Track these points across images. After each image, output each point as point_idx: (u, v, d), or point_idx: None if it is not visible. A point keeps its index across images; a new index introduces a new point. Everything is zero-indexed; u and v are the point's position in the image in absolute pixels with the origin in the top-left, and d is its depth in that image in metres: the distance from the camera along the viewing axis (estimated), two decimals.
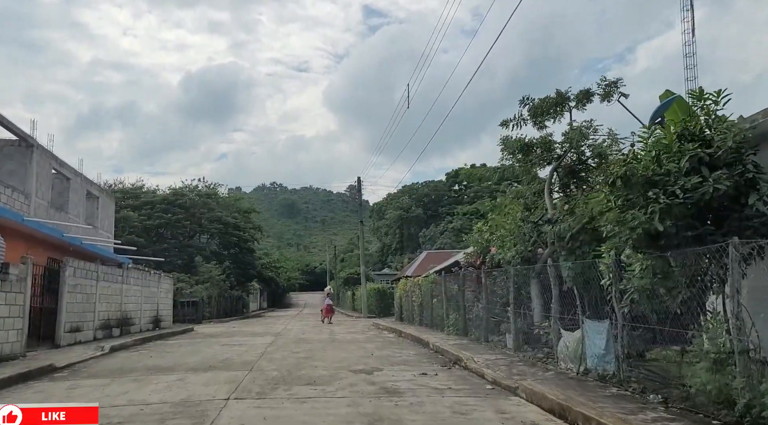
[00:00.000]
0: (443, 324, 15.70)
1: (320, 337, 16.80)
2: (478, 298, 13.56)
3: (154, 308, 20.76)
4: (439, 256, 37.64)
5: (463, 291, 14.13)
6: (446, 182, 76.57)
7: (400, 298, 22.76)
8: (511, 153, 12.87)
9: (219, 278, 35.60)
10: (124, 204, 37.36)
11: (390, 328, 19.11)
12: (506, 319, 11.68)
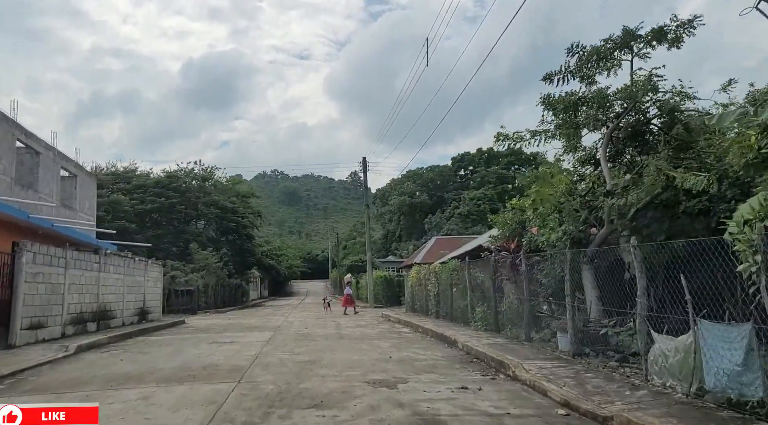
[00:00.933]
0: (468, 318, 13.61)
1: (325, 332, 14.74)
2: (515, 288, 11.44)
3: (140, 299, 18.71)
4: (449, 242, 35.53)
5: (494, 280, 12.00)
6: (452, 167, 74.17)
7: (412, 287, 20.69)
8: (556, 112, 10.64)
9: (216, 266, 33.58)
10: (116, 188, 35.26)
11: (403, 321, 17.03)
12: (555, 314, 9.56)
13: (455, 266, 14.73)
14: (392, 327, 16.18)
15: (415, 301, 20.54)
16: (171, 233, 36.00)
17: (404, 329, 15.41)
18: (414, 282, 20.24)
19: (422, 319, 16.98)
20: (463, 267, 14.36)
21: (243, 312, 30.75)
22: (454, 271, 14.79)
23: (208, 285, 32.70)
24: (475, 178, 69.37)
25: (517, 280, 11.19)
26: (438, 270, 16.87)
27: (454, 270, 14.79)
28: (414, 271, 20.23)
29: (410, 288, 21.04)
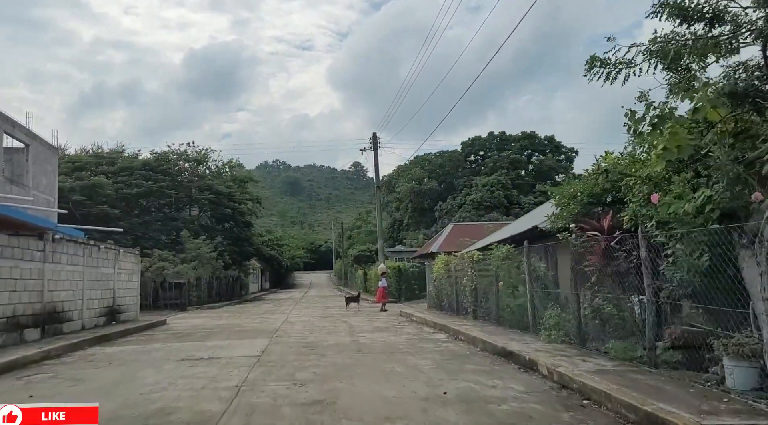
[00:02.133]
0: (526, 323, 10.21)
1: (337, 340, 11.32)
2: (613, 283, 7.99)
3: (108, 295, 15.34)
4: (469, 229, 32.09)
5: (576, 273, 8.53)
6: (462, 152, 70.45)
7: (438, 280, 17.26)
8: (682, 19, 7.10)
9: (209, 255, 30.21)
10: (99, 170, 31.82)
11: (432, 323, 13.60)
12: (707, 326, 6.08)
13: (507, 253, 11.24)
14: (420, 332, 12.76)
15: (442, 297, 17.13)
16: (161, 220, 32.62)
17: (438, 335, 11.97)
18: (440, 274, 16.81)
19: (456, 320, 13.55)
20: (518, 255, 10.92)
21: (239, 307, 27.43)
22: (506, 260, 11.31)
23: (201, 278, 29.37)
24: (486, 163, 65.71)
25: (615, 272, 7.73)
26: (477, 259, 13.40)
27: (505, 258, 11.30)
28: (440, 262, 16.79)
29: (435, 281, 17.61)
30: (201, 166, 38.43)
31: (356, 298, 21.15)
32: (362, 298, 22.06)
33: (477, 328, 11.29)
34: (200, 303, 28.43)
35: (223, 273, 33.63)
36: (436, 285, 17.56)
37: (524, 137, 68.35)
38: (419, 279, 27.88)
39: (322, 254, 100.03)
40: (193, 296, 27.66)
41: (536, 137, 68.74)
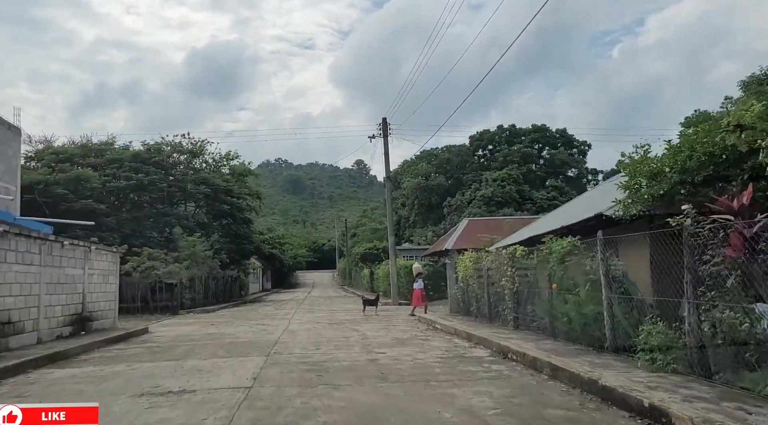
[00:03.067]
0: (605, 340, 7.73)
1: (350, 359, 8.84)
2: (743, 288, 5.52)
3: (76, 301, 12.93)
4: (485, 225, 29.56)
5: (693, 273, 6.05)
6: (470, 146, 67.96)
7: (465, 281, 14.77)
8: None
9: (204, 254, 27.78)
10: (85, 162, 29.41)
11: (466, 335, 11.10)
12: None
13: (570, 247, 8.76)
14: (453, 345, 10.28)
15: (470, 300, 14.65)
16: (152, 216, 30.19)
17: (478, 351, 9.48)
18: (468, 273, 14.32)
19: (494, 331, 11.07)
20: (585, 250, 8.45)
21: (236, 311, 25.03)
22: (568, 257, 8.83)
23: (195, 278, 26.95)
24: (496, 157, 63.22)
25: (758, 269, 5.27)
26: (519, 255, 10.93)
27: (567, 254, 8.82)
28: (468, 259, 14.30)
29: (462, 282, 15.11)
30: (197, 159, 36.01)
31: (374, 301, 18.67)
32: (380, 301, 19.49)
33: (530, 344, 8.80)
34: (194, 306, 26.03)
35: (220, 273, 31.21)
36: (461, 287, 15.08)
37: (535, 130, 65.84)
38: (433, 279, 25.43)
39: (325, 253, 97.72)
40: (186, 298, 25.25)
41: (547, 130, 66.22)
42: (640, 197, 8.46)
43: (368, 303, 18.53)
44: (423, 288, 17.91)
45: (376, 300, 18.70)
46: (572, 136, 66.25)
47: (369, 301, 18.78)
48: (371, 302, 18.62)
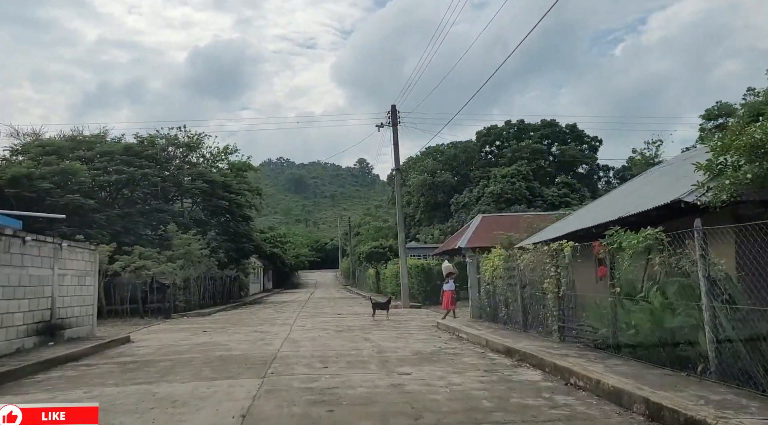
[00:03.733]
0: (705, 362, 5.87)
1: (367, 384, 6.96)
2: None
3: (44, 306, 11.11)
4: (501, 221, 27.71)
5: None
6: (477, 142, 65.93)
7: (493, 283, 12.86)
8: None
9: (200, 252, 25.96)
10: (74, 156, 27.60)
11: (504, 349, 9.19)
12: None
13: (651, 241, 6.86)
14: (490, 362, 8.40)
15: (497, 305, 12.75)
16: (146, 213, 28.33)
17: (526, 372, 7.59)
18: (497, 274, 12.42)
19: (537, 344, 9.17)
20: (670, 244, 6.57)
21: (234, 314, 23.21)
22: (649, 254, 6.94)
23: (190, 279, 25.14)
24: (505, 153, 61.16)
25: None
26: (568, 252, 9.05)
27: (645, 251, 6.93)
28: (496, 257, 12.38)
29: (488, 284, 13.18)
30: (194, 153, 34.19)
31: (386, 305, 16.75)
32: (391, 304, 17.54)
33: (596, 365, 6.92)
34: (189, 309, 24.25)
35: (217, 273, 29.41)
36: (488, 289, 13.17)
37: (544, 125, 63.80)
38: None
39: (328, 252, 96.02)
40: (180, 300, 23.45)
41: (557, 125, 64.16)
42: (738, 179, 6.60)
43: (378, 307, 16.66)
44: (454, 290, 15.97)
45: (387, 303, 16.81)
46: (582, 131, 64.19)
47: (379, 305, 16.91)
48: (382, 306, 16.75)
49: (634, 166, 67.26)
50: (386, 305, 16.66)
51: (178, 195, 32.35)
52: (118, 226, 25.62)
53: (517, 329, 11.35)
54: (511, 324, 11.92)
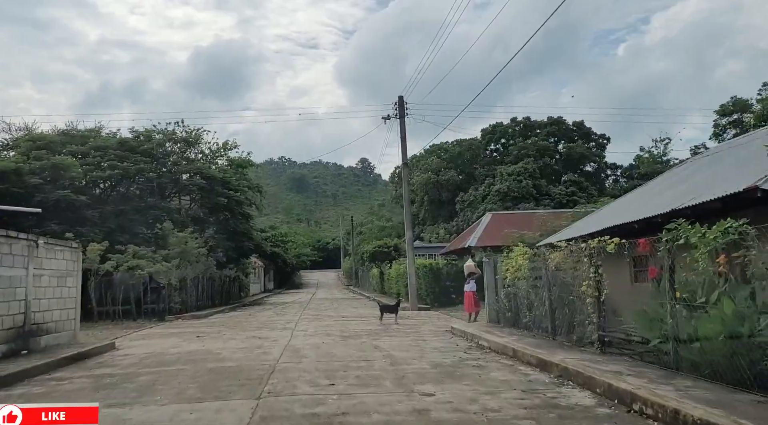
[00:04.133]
0: None
1: (383, 407, 5.74)
2: None
3: (15, 310, 9.93)
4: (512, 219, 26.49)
5: None
6: (482, 140, 64.70)
7: (514, 284, 11.62)
8: None
9: (197, 251, 24.80)
10: (66, 151, 26.44)
11: (537, 362, 7.95)
12: None
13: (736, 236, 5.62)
14: (527, 380, 7.17)
15: (519, 309, 11.51)
16: (141, 210, 27.13)
17: (573, 393, 6.34)
18: (520, 275, 11.19)
19: (576, 357, 7.95)
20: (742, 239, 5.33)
21: (232, 316, 22.04)
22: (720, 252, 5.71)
23: (186, 279, 23.97)
24: (511, 151, 59.93)
25: None
26: (612, 249, 7.84)
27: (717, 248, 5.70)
28: (520, 257, 11.13)
29: (509, 286, 11.93)
30: (192, 148, 33.01)
31: (395, 308, 15.50)
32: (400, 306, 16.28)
33: (665, 387, 5.69)
34: (185, 310, 23.08)
35: (216, 272, 28.24)
36: (508, 292, 11.93)
37: (551, 123, 62.48)
38: (457, 279, 22.35)
39: (330, 252, 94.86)
40: (176, 302, 22.27)
41: (563, 123, 62.84)
42: None
43: (387, 310, 15.44)
44: (476, 291, 14.72)
45: (397, 306, 15.57)
46: (590, 128, 62.89)
47: (388, 308, 15.68)
48: (390, 308, 15.52)
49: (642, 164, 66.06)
50: (395, 308, 15.44)
51: (176, 192, 31.21)
52: (112, 224, 24.45)
53: (544, 336, 10.13)
54: (535, 330, 10.70)
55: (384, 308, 15.58)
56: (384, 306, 15.74)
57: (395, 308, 15.43)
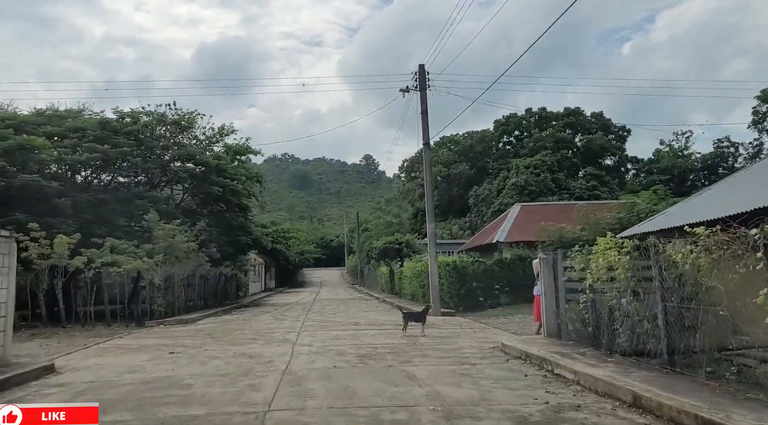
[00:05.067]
0: None
1: None
2: None
3: None
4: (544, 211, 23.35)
5: None
6: (494, 132, 61.55)
7: (598, 290, 8.43)
8: None
9: (185, 246, 21.74)
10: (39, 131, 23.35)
11: (699, 421, 4.85)
12: None
13: None
14: None
15: (607, 323, 8.34)
16: (124, 199, 24.08)
17: None
18: (607, 275, 8.02)
19: (746, 409, 4.85)
20: None
21: (224, 321, 18.95)
22: None
23: (173, 277, 20.93)
24: (526, 143, 56.73)
25: None
26: None
27: None
28: (613, 252, 7.93)
29: (590, 291, 8.72)
30: (185, 133, 29.94)
31: (422, 315, 12.32)
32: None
33: None
34: (172, 313, 20.06)
35: (210, 270, 25.18)
36: (590, 300, 8.75)
37: (567, 114, 59.28)
38: (485, 279, 19.26)
39: (333, 250, 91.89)
40: (159, 304, 19.20)
41: (581, 114, 59.63)
42: None
43: (412, 319, 12.30)
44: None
45: (424, 314, 12.38)
46: (609, 120, 59.67)
47: (413, 315, 12.53)
48: (416, 316, 12.38)
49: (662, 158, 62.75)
50: (422, 316, 12.28)
51: (166, 181, 28.15)
52: (89, 214, 21.39)
53: (659, 365, 7.00)
54: (635, 355, 7.56)
55: (408, 316, 12.43)
56: (408, 314, 12.58)
57: (423, 316, 12.29)
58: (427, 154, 17.99)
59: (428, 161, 18.24)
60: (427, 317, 12.53)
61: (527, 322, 14.93)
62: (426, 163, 18.15)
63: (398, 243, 31.63)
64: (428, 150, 17.89)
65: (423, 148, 17.69)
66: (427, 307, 12.96)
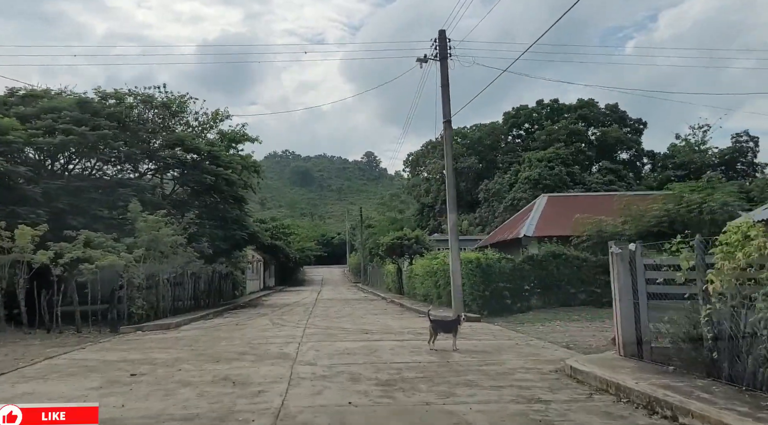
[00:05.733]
0: None
1: None
2: None
3: None
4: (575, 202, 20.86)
5: None
6: (504, 124, 59.01)
7: (735, 298, 5.92)
8: None
9: (171, 240, 19.25)
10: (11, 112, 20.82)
11: None
12: None
13: None
14: None
15: (721, 344, 5.83)
16: (105, 187, 21.59)
17: None
18: (752, 276, 5.54)
19: None
20: None
21: (212, 327, 16.45)
22: None
23: (158, 275, 18.48)
24: (537, 136, 54.18)
25: None
26: None
27: None
28: (756, 240, 5.48)
29: (724, 303, 6.15)
30: (175, 118, 27.47)
31: (453, 325, 9.83)
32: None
33: None
34: (155, 316, 17.66)
35: (200, 267, 22.71)
36: (715, 311, 6.20)
37: (581, 105, 56.69)
38: (513, 279, 16.76)
39: (335, 247, 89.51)
40: (137, 306, 16.72)
41: (595, 106, 57.03)
42: None
43: (441, 328, 9.81)
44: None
45: (456, 323, 9.90)
46: (624, 112, 57.05)
47: (443, 325, 10.02)
48: (447, 326, 9.90)
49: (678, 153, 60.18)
50: (454, 326, 9.80)
51: (155, 169, 25.67)
52: (62, 203, 18.91)
53: None
54: None
55: (437, 325, 9.89)
56: (437, 323, 10.03)
57: (454, 326, 9.80)
58: (448, 134, 15.45)
59: (450, 141, 15.70)
60: (459, 328, 10.02)
61: (571, 330, 12.49)
62: (447, 142, 15.60)
63: (407, 238, 29.12)
64: (450, 128, 15.35)
65: (444, 125, 15.14)
66: (459, 317, 10.40)
